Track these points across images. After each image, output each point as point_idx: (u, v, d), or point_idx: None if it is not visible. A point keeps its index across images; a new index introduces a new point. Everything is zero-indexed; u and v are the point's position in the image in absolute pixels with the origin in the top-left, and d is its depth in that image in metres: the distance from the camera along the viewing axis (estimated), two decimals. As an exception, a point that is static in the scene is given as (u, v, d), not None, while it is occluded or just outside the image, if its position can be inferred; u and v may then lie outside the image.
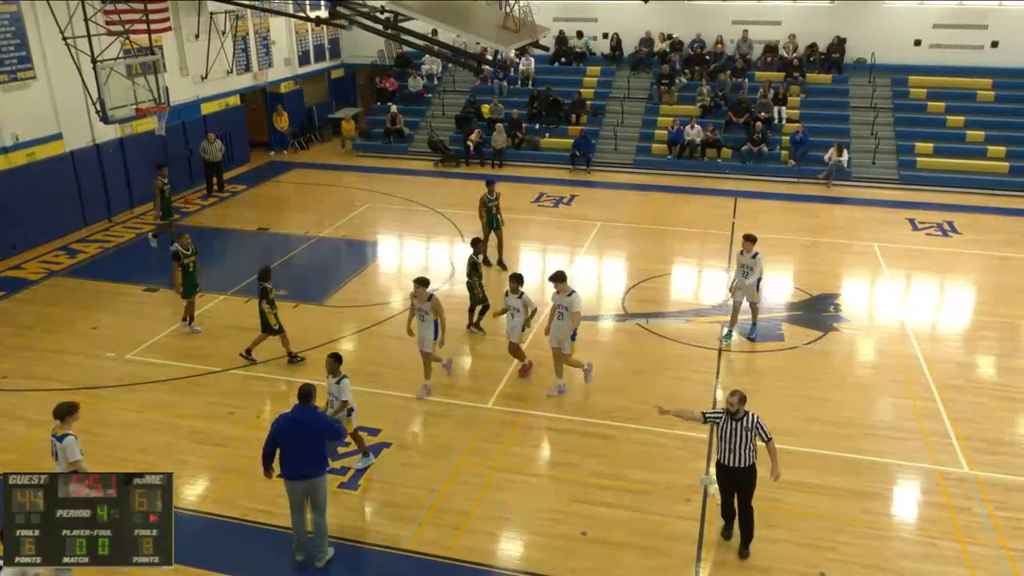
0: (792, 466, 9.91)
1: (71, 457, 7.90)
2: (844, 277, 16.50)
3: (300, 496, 8.23)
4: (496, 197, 15.99)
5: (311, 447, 8.06)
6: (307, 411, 8.12)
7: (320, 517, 8.36)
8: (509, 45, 13.07)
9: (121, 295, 15.26)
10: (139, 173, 19.95)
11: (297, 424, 8.05)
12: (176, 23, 20.91)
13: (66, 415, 8.21)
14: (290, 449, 8.04)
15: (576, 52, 27.80)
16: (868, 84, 25.08)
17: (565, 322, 11.19)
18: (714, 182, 23.00)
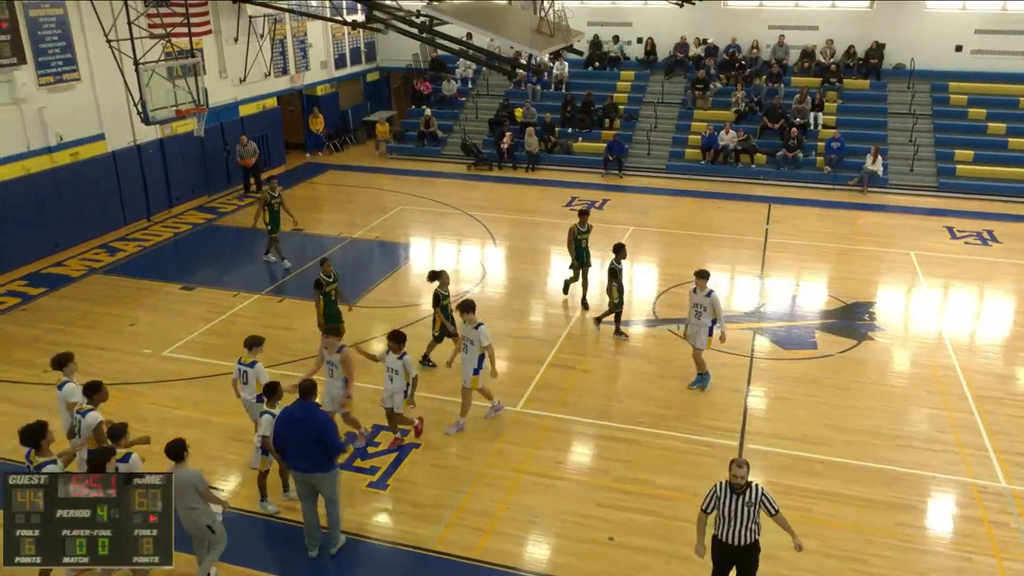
0: (823, 476, 9.79)
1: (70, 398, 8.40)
2: (879, 285, 16.23)
3: (306, 488, 8.35)
4: (588, 229, 14.59)
5: (307, 444, 8.10)
6: (306, 408, 8.20)
7: (332, 508, 8.46)
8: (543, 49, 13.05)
9: (158, 293, 15.53)
10: (178, 173, 20.32)
11: (294, 420, 8.14)
12: (216, 26, 21.26)
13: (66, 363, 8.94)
14: (291, 443, 8.18)
15: (610, 56, 27.72)
16: (907, 90, 24.65)
17: (470, 355, 10.46)
18: (748, 188, 22.78)
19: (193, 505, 7.71)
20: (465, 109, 27.38)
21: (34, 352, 13.01)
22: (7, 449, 10.35)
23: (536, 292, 15.89)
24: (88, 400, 8.63)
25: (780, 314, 14.78)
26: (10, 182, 16.06)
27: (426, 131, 26.22)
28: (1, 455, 10.26)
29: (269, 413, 8.64)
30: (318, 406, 8.43)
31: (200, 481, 7.72)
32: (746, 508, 7.01)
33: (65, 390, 8.75)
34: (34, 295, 15.31)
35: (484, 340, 10.32)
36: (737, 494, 7.01)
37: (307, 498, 8.42)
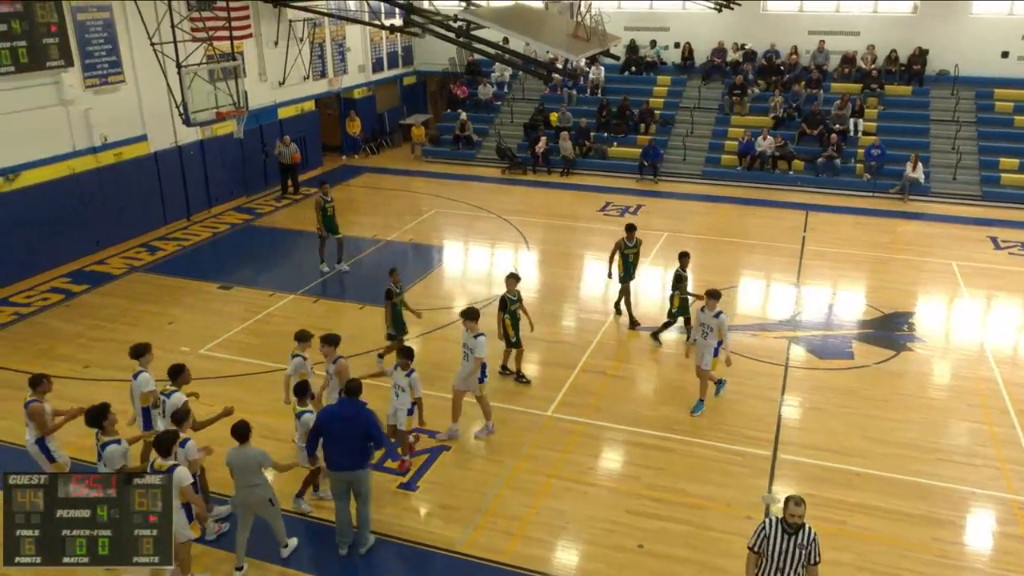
0: (858, 488, 9.64)
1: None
2: (919, 295, 15.94)
3: (343, 486, 8.44)
4: (636, 244, 14.04)
5: (353, 441, 8.22)
6: (353, 405, 8.32)
7: (364, 506, 8.55)
8: (580, 54, 13.05)
9: (196, 292, 15.79)
10: (217, 174, 20.66)
11: (340, 418, 8.25)
12: (256, 30, 21.59)
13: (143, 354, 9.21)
14: (333, 441, 8.25)
15: (647, 61, 27.60)
16: (951, 97, 24.20)
17: (468, 364, 10.40)
18: (785, 195, 22.52)
19: (255, 482, 8.09)
20: (500, 113, 27.47)
21: (76, 348, 13.32)
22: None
23: (569, 296, 15.87)
24: (172, 382, 8.99)
25: (816, 323, 14.58)
26: (56, 181, 16.45)
27: (461, 135, 26.34)
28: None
29: (308, 412, 8.75)
30: (364, 404, 8.53)
31: (266, 459, 8.08)
32: (798, 551, 6.50)
33: (140, 379, 8.95)
34: (77, 292, 15.66)
35: (479, 351, 10.23)
36: (789, 534, 6.51)
37: (342, 497, 8.51)
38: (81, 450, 9.70)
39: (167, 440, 7.65)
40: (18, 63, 15.15)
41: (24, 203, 15.77)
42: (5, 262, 15.57)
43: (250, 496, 8.18)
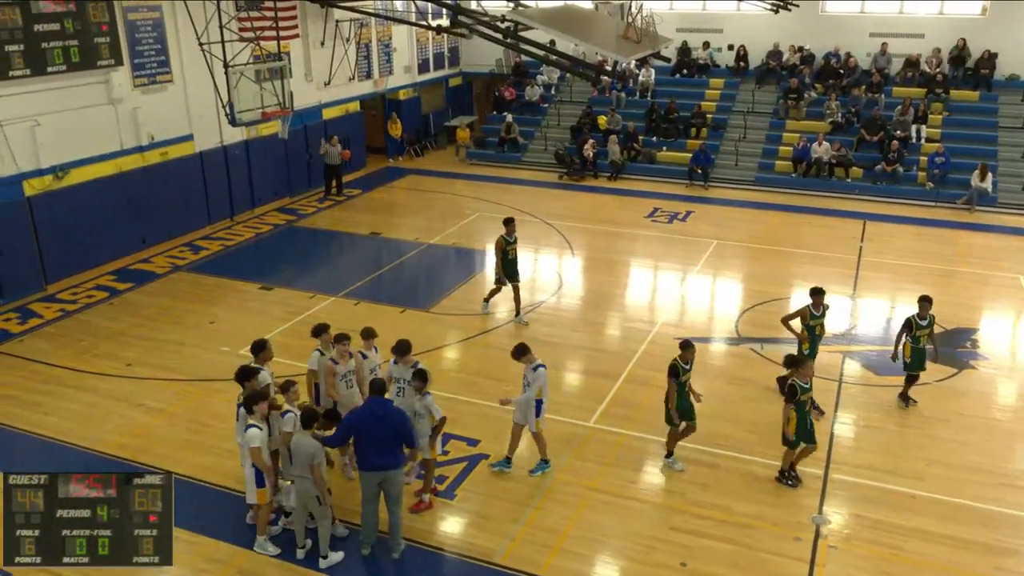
0: (915, 512, 9.39)
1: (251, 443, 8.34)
2: (984, 311, 15.49)
3: (374, 488, 8.49)
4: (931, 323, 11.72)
5: (386, 439, 8.30)
6: (381, 403, 8.43)
7: (396, 508, 8.60)
8: (629, 56, 12.97)
9: (238, 292, 16.07)
10: (261, 175, 21.01)
11: (372, 416, 8.33)
12: (303, 30, 21.92)
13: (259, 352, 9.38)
14: (365, 441, 8.32)
15: (699, 64, 27.36)
16: (1021, 103, 23.50)
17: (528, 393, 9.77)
18: (841, 203, 22.09)
19: (307, 474, 8.18)
20: (547, 115, 27.46)
21: (119, 345, 13.64)
22: (92, 439, 10.89)
23: (614, 305, 15.77)
24: (255, 359, 9.35)
25: (873, 337, 14.25)
26: (103, 179, 16.90)
27: (507, 137, 26.39)
28: (85, 445, 10.76)
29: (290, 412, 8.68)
30: (391, 401, 8.62)
31: (318, 453, 8.15)
32: None
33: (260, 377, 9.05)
34: (121, 290, 16.05)
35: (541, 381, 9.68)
36: None
37: (372, 500, 8.58)
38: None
39: (252, 399, 8.25)
40: (70, 62, 15.61)
41: (72, 201, 16.23)
42: (53, 259, 16.02)
43: (300, 486, 8.33)
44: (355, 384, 9.71)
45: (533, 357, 9.79)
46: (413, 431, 8.68)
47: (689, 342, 10.13)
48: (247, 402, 8.39)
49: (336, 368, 9.56)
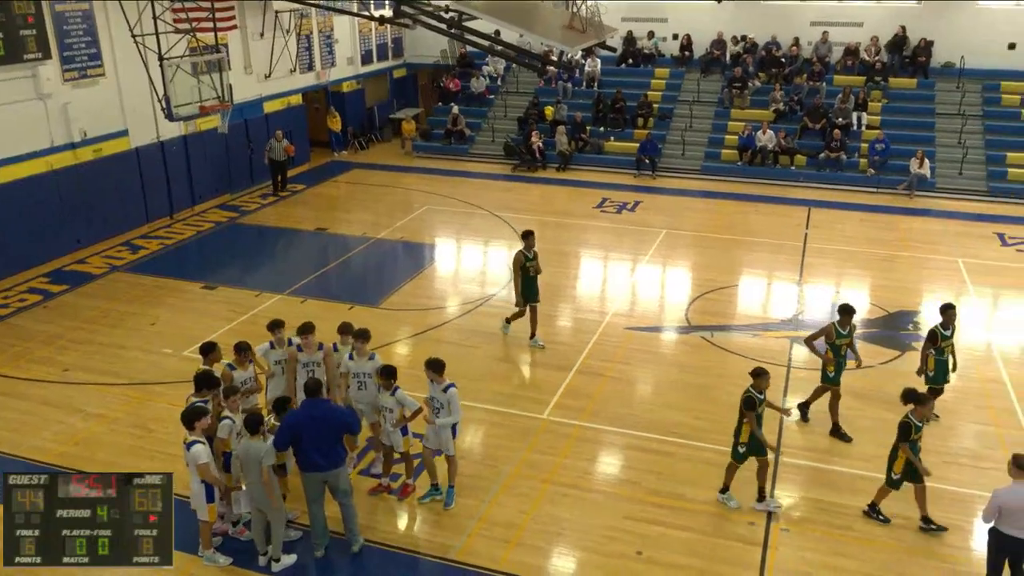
0: (864, 492, 9.64)
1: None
2: (925, 293, 15.98)
3: (319, 487, 8.45)
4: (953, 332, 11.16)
5: (327, 439, 8.27)
6: (317, 403, 8.37)
7: (347, 501, 8.57)
8: (575, 46, 13.07)
9: (180, 292, 15.72)
10: (201, 171, 20.57)
11: (310, 417, 8.27)
12: (241, 21, 21.51)
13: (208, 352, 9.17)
14: (306, 442, 8.26)
15: (644, 53, 27.61)
16: (956, 90, 24.25)
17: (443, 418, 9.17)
18: (787, 190, 22.56)
19: (258, 480, 8.09)
20: (494, 107, 27.44)
21: (55, 350, 13.25)
22: (28, 447, 10.56)
23: (565, 296, 15.85)
24: (204, 360, 9.24)
25: (819, 322, 14.54)
26: (34, 178, 16.35)
27: (453, 129, 26.30)
28: (21, 453, 10.43)
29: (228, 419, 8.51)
30: (328, 400, 8.62)
31: (268, 457, 8.03)
32: None
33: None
34: (56, 292, 15.58)
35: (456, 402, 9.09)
36: None
37: (318, 500, 8.52)
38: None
39: (193, 415, 7.99)
40: (-6, 56, 15.08)
41: (0, 201, 15.67)
42: (-19, 262, 15.48)
43: (255, 492, 8.21)
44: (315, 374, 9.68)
45: (444, 377, 9.09)
46: (356, 422, 8.73)
47: (763, 370, 9.32)
48: (187, 418, 8.06)
49: (299, 356, 9.68)
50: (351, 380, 9.51)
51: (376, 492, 9.70)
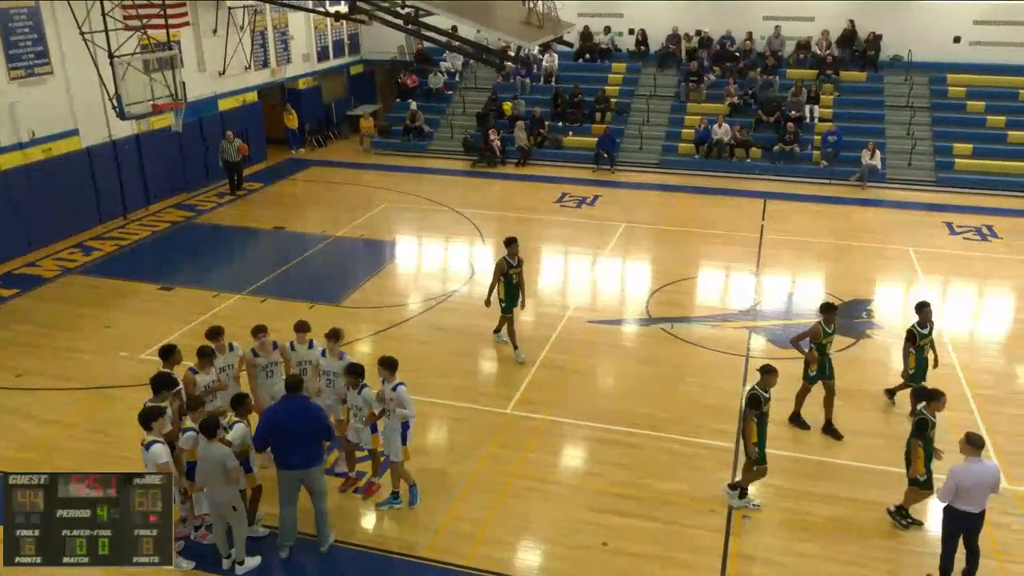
0: (823, 478, 9.84)
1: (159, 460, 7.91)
2: (877, 282, 16.32)
3: (295, 486, 8.38)
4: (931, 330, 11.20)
5: (302, 437, 8.21)
6: (297, 400, 8.30)
7: (321, 503, 8.53)
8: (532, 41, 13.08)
9: (136, 294, 15.43)
10: (155, 170, 20.18)
11: (289, 414, 8.22)
12: (194, 18, 21.14)
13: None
14: (284, 440, 8.21)
15: (601, 48, 27.74)
16: (904, 83, 24.80)
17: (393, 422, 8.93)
18: (743, 183, 22.86)
19: (218, 483, 7.98)
20: (452, 103, 27.35)
21: (7, 355, 12.91)
22: (-21, 457, 10.29)
23: (526, 290, 15.85)
24: (164, 364, 9.06)
25: (776, 312, 14.85)
26: (-20, 180, 15.93)
27: (412, 125, 26.16)
28: (-27, 463, 10.16)
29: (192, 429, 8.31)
30: (308, 398, 8.52)
31: (230, 459, 7.92)
32: None
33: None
34: (7, 296, 15.18)
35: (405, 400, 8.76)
36: None
37: (292, 500, 8.46)
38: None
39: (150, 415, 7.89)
40: (-64, 54, 14.64)
41: (-54, 203, 15.26)
42: (-73, 266, 15.03)
43: (214, 496, 8.10)
44: (275, 374, 9.67)
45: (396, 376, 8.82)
46: (331, 426, 8.63)
47: (771, 367, 9.11)
48: (144, 418, 7.96)
49: (256, 360, 9.57)
50: (321, 377, 9.49)
51: (345, 488, 9.68)
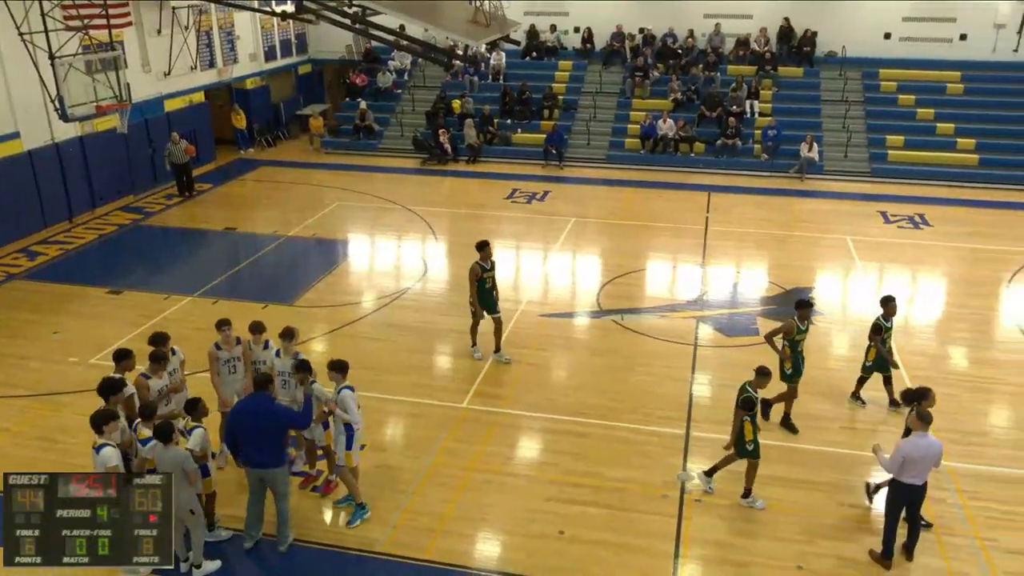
0: (769, 461, 9.99)
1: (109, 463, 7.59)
2: (818, 270, 16.67)
3: (256, 483, 8.30)
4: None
5: (263, 436, 8.09)
6: (258, 399, 8.19)
7: (282, 503, 8.43)
8: (479, 40, 13.04)
9: (83, 298, 15.00)
10: (101, 172, 19.64)
11: (249, 412, 8.13)
12: (137, 18, 20.60)
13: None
14: (244, 436, 8.13)
15: (547, 46, 27.80)
16: (839, 78, 25.35)
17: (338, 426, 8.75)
18: (687, 176, 23.13)
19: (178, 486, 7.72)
20: (402, 101, 27.14)
21: (-50, 364, 12.46)
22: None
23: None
24: (116, 367, 8.80)
25: (722, 301, 15.06)
26: (-83, 185, 15.31)
27: (362, 124, 25.89)
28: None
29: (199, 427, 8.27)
30: (272, 398, 8.38)
31: (188, 463, 7.76)
32: None
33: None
34: (-52, 304, 14.65)
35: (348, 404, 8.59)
36: None
37: (256, 492, 8.39)
38: None
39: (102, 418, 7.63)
40: None
41: None
42: None
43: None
44: (237, 370, 9.57)
45: (343, 378, 8.68)
46: (295, 416, 8.41)
47: (767, 370, 9.05)
48: (95, 422, 7.65)
49: (219, 354, 9.50)
50: (276, 378, 9.27)
51: (305, 486, 9.59)
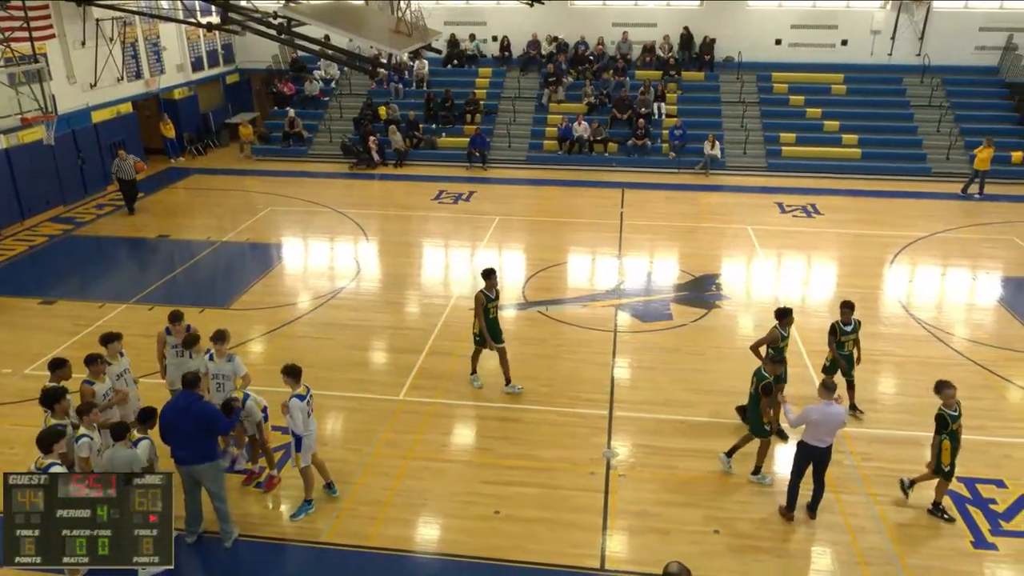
0: (686, 435, 10.30)
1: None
2: (723, 258, 17.17)
3: (189, 480, 8.13)
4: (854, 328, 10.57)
5: (189, 433, 7.92)
6: (186, 397, 8.02)
7: (219, 503, 8.26)
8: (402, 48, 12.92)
9: (15, 309, 14.28)
10: (28, 184, 18.71)
11: (175, 410, 7.97)
12: (60, 30, 19.65)
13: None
14: (173, 434, 7.97)
15: (468, 55, 27.75)
16: (736, 80, 26.11)
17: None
18: (602, 175, 23.47)
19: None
20: (329, 109, 26.68)
21: None
22: None
23: (411, 284, 15.76)
24: (51, 377, 8.48)
25: (638, 290, 15.36)
26: None
27: (291, 131, 25.35)
28: None
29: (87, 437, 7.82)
30: (200, 396, 8.20)
31: (136, 462, 7.54)
32: None
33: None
34: None
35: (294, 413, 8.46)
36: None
37: (191, 490, 8.22)
38: None
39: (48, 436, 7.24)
40: None
41: None
42: None
43: None
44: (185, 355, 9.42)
45: (296, 383, 8.54)
46: (222, 422, 8.17)
47: (782, 357, 9.18)
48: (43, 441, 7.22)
49: (168, 339, 9.65)
50: (210, 381, 9.05)
51: (249, 483, 9.40)
